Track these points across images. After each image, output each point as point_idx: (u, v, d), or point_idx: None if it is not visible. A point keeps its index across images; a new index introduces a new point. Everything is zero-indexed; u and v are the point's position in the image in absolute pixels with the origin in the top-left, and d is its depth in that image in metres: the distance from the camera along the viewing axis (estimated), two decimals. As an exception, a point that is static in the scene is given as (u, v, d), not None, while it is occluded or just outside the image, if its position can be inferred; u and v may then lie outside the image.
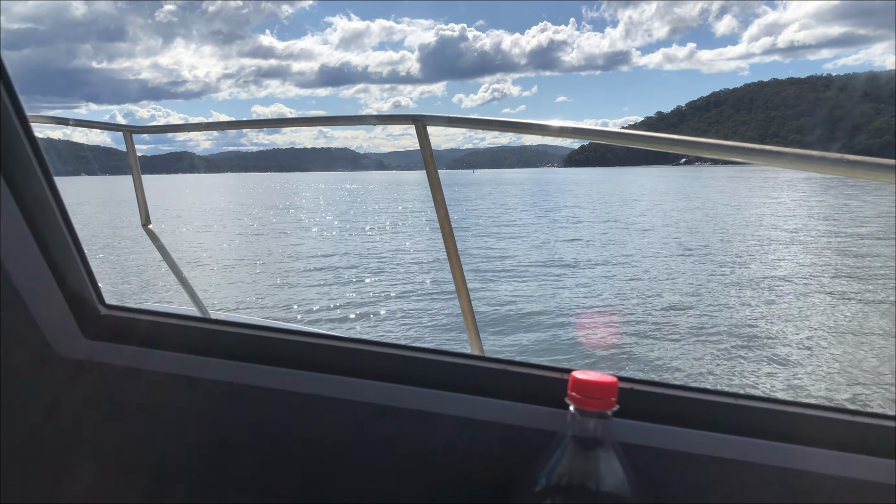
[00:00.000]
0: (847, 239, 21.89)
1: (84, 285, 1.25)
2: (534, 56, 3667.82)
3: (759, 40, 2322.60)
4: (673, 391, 1.17)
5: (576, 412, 1.01)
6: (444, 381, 1.11)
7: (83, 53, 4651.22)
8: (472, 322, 1.83)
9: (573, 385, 1.01)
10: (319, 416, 1.14)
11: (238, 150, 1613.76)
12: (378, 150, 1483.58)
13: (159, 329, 1.28)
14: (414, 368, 1.15)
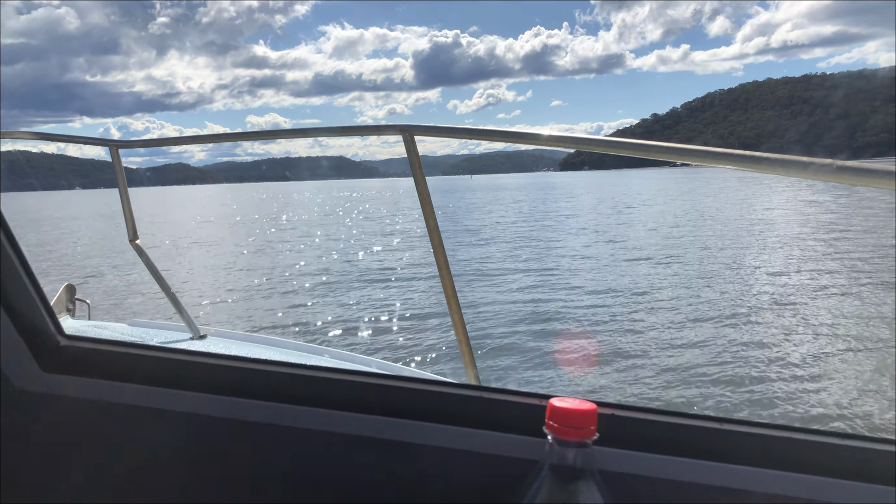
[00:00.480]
0: (842, 247, 20.88)
1: (39, 316, 1.21)
2: (528, 61, 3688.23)
3: (752, 40, 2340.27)
4: (655, 416, 1.14)
5: (554, 442, 0.97)
6: (420, 411, 1.10)
7: (76, 67, 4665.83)
8: (464, 334, 1.81)
9: (551, 413, 0.90)
10: (293, 448, 1.12)
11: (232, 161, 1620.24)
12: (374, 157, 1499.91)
13: (122, 360, 1.24)
14: (388, 398, 1.13)
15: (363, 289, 16.69)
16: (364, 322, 13.02)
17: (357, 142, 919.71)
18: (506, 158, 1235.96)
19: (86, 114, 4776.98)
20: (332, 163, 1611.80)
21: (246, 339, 3.06)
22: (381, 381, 1.15)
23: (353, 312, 14.00)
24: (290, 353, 2.84)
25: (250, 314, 14.45)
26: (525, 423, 1.16)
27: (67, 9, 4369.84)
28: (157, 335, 2.95)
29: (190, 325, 2.96)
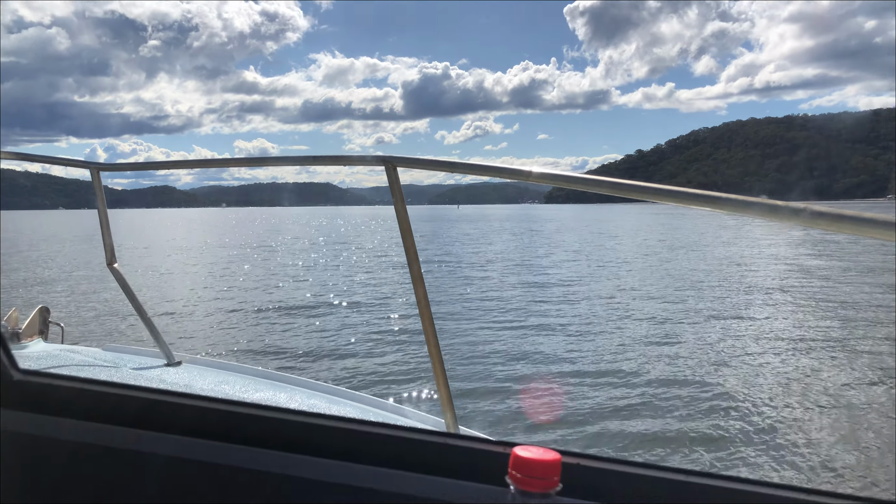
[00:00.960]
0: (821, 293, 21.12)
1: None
2: (515, 94, 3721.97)
3: (736, 80, 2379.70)
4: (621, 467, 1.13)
5: (516, 492, 0.99)
6: (386, 457, 1.07)
7: (65, 87, 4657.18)
8: (441, 369, 1.80)
9: (514, 463, 0.97)
10: (248, 491, 1.08)
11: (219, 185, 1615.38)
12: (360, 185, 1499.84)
13: (78, 396, 1.21)
14: (354, 443, 1.11)
15: (341, 318, 16.57)
16: (340, 352, 12.88)
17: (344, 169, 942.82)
18: (492, 189, 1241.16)
19: (73, 134, 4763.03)
20: (320, 189, 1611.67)
21: (221, 367, 3.04)
22: (347, 425, 1.12)
23: (329, 342, 13.85)
24: (262, 382, 2.80)
25: (227, 340, 14.26)
26: (489, 472, 1.15)
27: (58, 29, 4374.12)
28: (130, 360, 2.92)
29: (165, 351, 2.93)
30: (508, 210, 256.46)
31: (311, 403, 2.31)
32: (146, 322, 2.88)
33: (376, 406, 2.55)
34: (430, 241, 48.52)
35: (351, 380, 10.97)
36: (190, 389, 2.29)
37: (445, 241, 48.96)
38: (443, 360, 1.82)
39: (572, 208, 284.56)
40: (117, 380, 2.33)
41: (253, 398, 2.23)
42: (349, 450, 1.10)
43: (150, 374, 2.67)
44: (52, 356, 2.78)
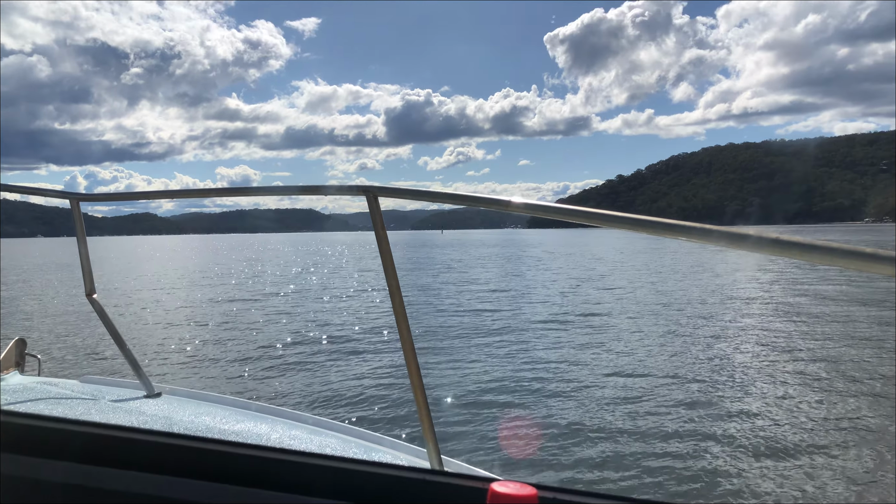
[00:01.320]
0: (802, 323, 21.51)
1: None
2: (497, 121, 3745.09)
3: (714, 107, 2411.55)
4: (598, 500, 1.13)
5: None
6: (363, 494, 1.07)
7: (46, 114, 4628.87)
8: (423, 398, 1.81)
9: (491, 499, 0.98)
10: None
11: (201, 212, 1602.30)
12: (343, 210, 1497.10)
13: (57, 436, 1.19)
14: (332, 480, 1.10)
15: (322, 348, 16.45)
16: (322, 382, 12.78)
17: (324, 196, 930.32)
18: (475, 214, 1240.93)
19: (53, 161, 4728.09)
20: (302, 215, 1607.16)
21: (201, 399, 3.01)
22: (330, 462, 1.12)
23: (311, 372, 13.74)
24: (243, 413, 2.76)
25: (208, 370, 14.13)
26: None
27: (39, 57, 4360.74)
28: (109, 393, 2.87)
29: (144, 382, 2.91)
30: (492, 235, 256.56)
31: (293, 434, 2.31)
32: (125, 353, 2.85)
33: (359, 437, 2.55)
34: (414, 269, 48.43)
35: (333, 410, 10.86)
36: (170, 422, 2.31)
37: (431, 269, 48.91)
38: (425, 390, 1.82)
39: (555, 233, 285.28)
40: (95, 413, 2.35)
41: (234, 430, 2.25)
42: (333, 487, 1.09)
43: (129, 406, 2.63)
44: (29, 389, 2.74)
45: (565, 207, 1.46)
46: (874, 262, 0.94)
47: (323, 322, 21.09)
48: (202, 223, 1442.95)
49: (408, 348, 1.80)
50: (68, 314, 23.63)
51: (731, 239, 1.10)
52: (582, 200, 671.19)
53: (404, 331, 1.80)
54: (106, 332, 2.85)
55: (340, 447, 2.23)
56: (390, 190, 1.82)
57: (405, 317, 1.81)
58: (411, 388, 1.83)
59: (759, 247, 1.05)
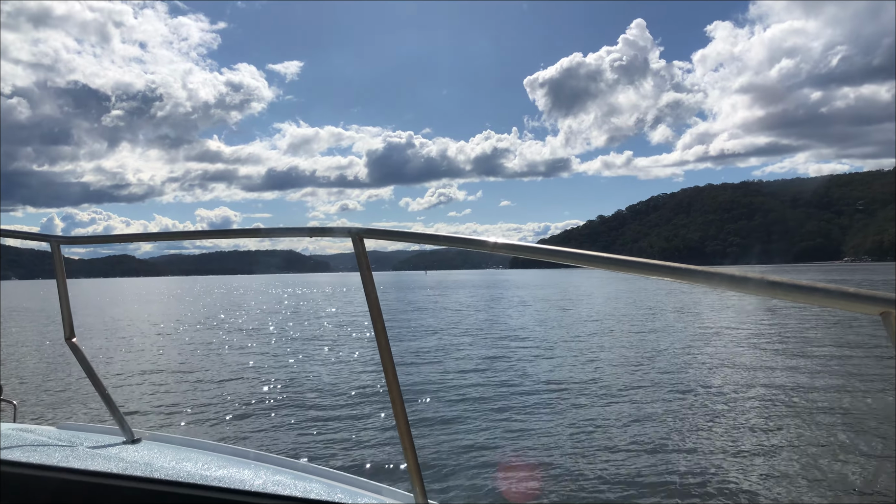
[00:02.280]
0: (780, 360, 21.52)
1: None
2: (478, 162, 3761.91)
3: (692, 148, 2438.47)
4: None
5: None
6: None
7: (24, 156, 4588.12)
8: (409, 441, 1.79)
9: None
10: None
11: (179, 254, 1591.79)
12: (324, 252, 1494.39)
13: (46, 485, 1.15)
14: None
15: (307, 390, 16.27)
16: (306, 425, 12.63)
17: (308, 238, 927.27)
18: (456, 255, 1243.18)
19: (29, 203, 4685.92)
20: (283, 256, 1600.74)
21: (182, 444, 2.95)
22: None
23: (294, 414, 13.59)
24: (225, 458, 2.69)
25: (188, 414, 13.92)
26: None
27: (19, 99, 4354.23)
28: (87, 439, 2.81)
29: (123, 427, 2.85)
30: (475, 276, 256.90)
31: (277, 480, 2.29)
32: (104, 397, 2.82)
33: (344, 482, 2.54)
34: (401, 311, 48.25)
35: (318, 454, 10.71)
36: (150, 468, 2.23)
37: (418, 310, 48.75)
38: (411, 432, 1.81)
39: (537, 273, 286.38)
40: (73, 460, 2.29)
41: (216, 475, 2.21)
42: None
43: (107, 452, 2.57)
44: (4, 436, 2.68)
45: (550, 248, 1.45)
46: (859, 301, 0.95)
47: (307, 364, 20.88)
48: (181, 265, 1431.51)
49: (393, 390, 1.79)
50: (45, 358, 23.24)
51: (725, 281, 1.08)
52: (563, 241, 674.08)
53: (390, 372, 1.80)
54: (84, 377, 2.83)
55: (325, 492, 2.23)
56: (376, 231, 1.82)
57: (391, 358, 1.81)
58: (397, 431, 1.80)
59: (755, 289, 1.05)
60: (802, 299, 1.00)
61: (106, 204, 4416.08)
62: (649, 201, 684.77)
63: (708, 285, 1.12)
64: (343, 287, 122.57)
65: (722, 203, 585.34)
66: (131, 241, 2.48)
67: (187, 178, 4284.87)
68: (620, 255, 1.29)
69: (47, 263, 2.33)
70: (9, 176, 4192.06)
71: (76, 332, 2.77)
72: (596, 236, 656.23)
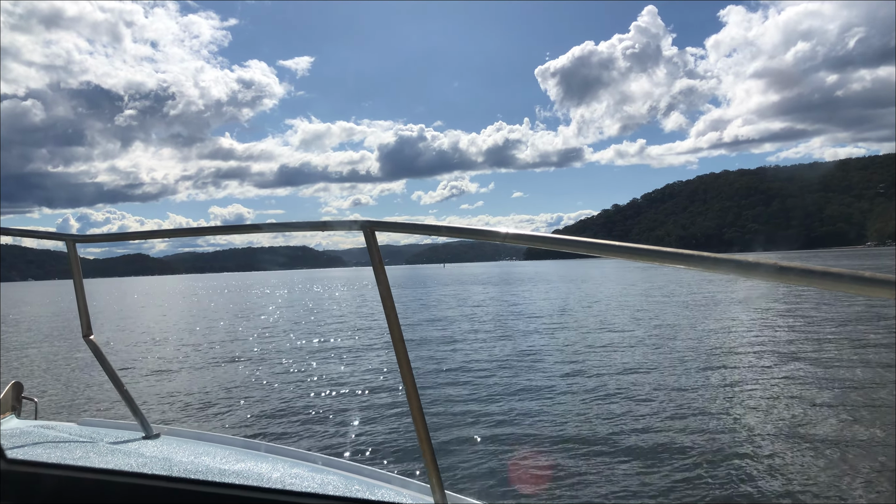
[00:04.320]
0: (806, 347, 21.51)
1: None
2: (490, 154, 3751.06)
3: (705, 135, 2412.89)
4: None
5: None
6: None
7: (39, 158, 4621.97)
8: (425, 433, 1.78)
9: None
10: None
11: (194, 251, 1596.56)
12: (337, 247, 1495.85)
13: (68, 484, 1.18)
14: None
15: (322, 384, 16.27)
16: (323, 419, 12.62)
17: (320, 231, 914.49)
18: (468, 248, 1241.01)
19: (45, 204, 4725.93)
20: (295, 252, 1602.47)
21: (200, 438, 2.98)
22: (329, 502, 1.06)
23: (311, 408, 13.57)
24: (243, 452, 2.73)
25: (206, 409, 13.95)
26: None
27: (34, 101, 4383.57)
28: (107, 435, 2.86)
29: (143, 423, 2.89)
30: (490, 268, 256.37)
31: (295, 473, 2.31)
32: (122, 394, 2.85)
33: (361, 474, 2.56)
34: (419, 308, 48.18)
35: (334, 447, 10.69)
36: (169, 463, 2.27)
37: (435, 305, 48.69)
38: (427, 425, 1.81)
39: (552, 264, 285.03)
40: (94, 456, 2.34)
41: (234, 470, 2.23)
42: None
43: (127, 448, 2.61)
44: (26, 433, 2.74)
45: (561, 238, 1.44)
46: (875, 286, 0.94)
47: (323, 358, 20.88)
48: (195, 263, 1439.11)
49: (409, 383, 1.80)
50: (65, 356, 23.38)
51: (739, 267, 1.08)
52: (578, 231, 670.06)
53: (404, 366, 1.80)
54: (103, 374, 2.81)
55: (343, 485, 2.24)
56: (388, 224, 1.82)
57: (405, 352, 1.80)
58: (413, 423, 1.81)
59: (766, 275, 1.04)
60: (816, 284, 0.99)
61: (120, 203, 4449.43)
62: (665, 189, 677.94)
63: (718, 272, 1.12)
64: (358, 282, 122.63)
65: (738, 189, 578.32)
66: (146, 238, 2.53)
67: (200, 176, 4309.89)
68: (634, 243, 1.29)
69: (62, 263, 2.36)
70: (25, 178, 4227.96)
71: (93, 329, 2.78)
72: (611, 225, 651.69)
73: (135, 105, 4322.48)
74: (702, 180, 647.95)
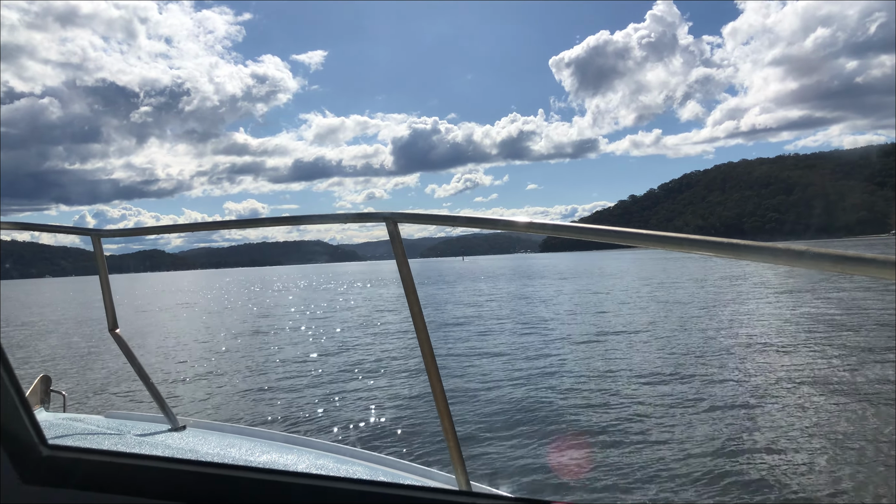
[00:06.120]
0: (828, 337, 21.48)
1: (21, 425, 1.12)
2: (504, 146, 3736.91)
3: (722, 124, 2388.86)
4: None
5: None
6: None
7: (56, 155, 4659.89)
8: (450, 424, 1.79)
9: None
10: None
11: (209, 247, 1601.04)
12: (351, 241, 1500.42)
13: (108, 470, 1.19)
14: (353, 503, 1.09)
15: (346, 376, 16.33)
16: (347, 410, 12.70)
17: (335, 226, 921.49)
18: (483, 240, 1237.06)
19: (62, 202, 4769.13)
20: (310, 247, 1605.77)
21: (226, 431, 3.02)
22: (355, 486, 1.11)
23: (335, 400, 13.64)
24: (268, 444, 2.76)
25: (231, 402, 14.07)
26: None
27: (51, 99, 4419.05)
28: (134, 427, 2.90)
29: (169, 415, 2.92)
30: (506, 261, 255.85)
31: (320, 464, 2.33)
32: (149, 387, 2.87)
33: (386, 464, 2.55)
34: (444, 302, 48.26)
35: (359, 438, 10.76)
36: (195, 455, 2.33)
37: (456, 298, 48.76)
38: (451, 415, 1.81)
39: (569, 256, 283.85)
40: (121, 447, 2.39)
41: (259, 461, 2.26)
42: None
43: (154, 440, 2.65)
44: (55, 426, 2.76)
45: (584, 227, 1.42)
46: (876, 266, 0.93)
47: (346, 351, 20.97)
48: (211, 258, 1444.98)
49: (432, 373, 1.80)
50: (91, 350, 23.67)
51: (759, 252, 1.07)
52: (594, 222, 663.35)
53: (428, 356, 1.80)
54: (129, 367, 2.87)
55: (367, 475, 2.21)
56: (410, 216, 1.82)
57: (429, 342, 1.80)
58: (437, 413, 1.82)
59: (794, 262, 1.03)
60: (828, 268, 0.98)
61: (136, 199, 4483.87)
62: (682, 179, 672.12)
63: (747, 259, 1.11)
64: (372, 276, 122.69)
65: (758, 178, 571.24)
66: (168, 232, 2.53)
67: (215, 172, 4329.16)
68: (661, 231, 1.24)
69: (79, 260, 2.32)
70: (42, 175, 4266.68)
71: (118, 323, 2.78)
72: (629, 216, 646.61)
73: (150, 101, 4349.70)
74: (720, 170, 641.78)
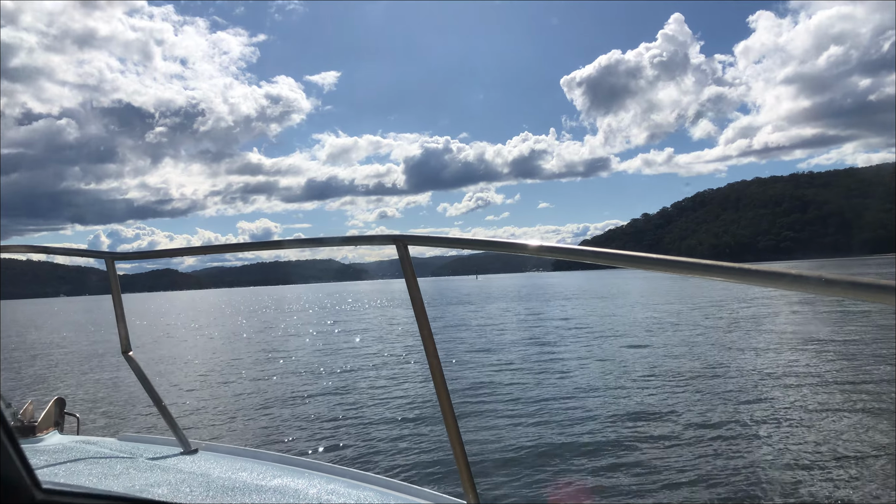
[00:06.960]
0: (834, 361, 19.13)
1: (12, 467, 1.09)
2: (515, 165, 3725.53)
3: (735, 142, 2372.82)
4: None
5: None
6: None
7: (71, 175, 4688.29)
8: (460, 446, 1.77)
9: None
10: None
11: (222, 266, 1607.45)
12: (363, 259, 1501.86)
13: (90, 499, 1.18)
14: None
15: (357, 398, 16.37)
16: (358, 433, 12.73)
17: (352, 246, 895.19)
18: (494, 259, 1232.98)
19: (77, 221, 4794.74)
20: (323, 266, 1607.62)
21: (238, 454, 3.02)
22: None
23: (346, 423, 13.69)
24: (280, 468, 2.77)
25: (243, 425, 14.14)
26: None
27: (68, 120, 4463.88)
28: (146, 450, 2.91)
29: (180, 438, 2.93)
30: (519, 280, 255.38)
31: (331, 488, 2.34)
32: (161, 409, 2.89)
33: (396, 489, 2.57)
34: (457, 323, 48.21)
35: (371, 462, 10.77)
36: (207, 479, 2.35)
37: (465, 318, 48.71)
38: (461, 437, 1.79)
39: (581, 275, 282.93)
40: (133, 471, 2.39)
41: (271, 486, 2.28)
42: None
43: (166, 464, 2.66)
44: (68, 449, 2.80)
45: (593, 250, 1.42)
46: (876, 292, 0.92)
47: (356, 372, 21.01)
48: (224, 277, 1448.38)
49: (442, 394, 1.79)
50: (103, 372, 23.78)
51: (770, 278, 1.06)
52: (606, 241, 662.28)
53: (438, 377, 1.79)
54: (142, 389, 2.88)
55: (378, 500, 2.23)
56: (418, 238, 1.82)
57: (438, 363, 1.80)
58: (447, 436, 1.81)
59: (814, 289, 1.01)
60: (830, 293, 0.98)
61: (150, 219, 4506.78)
62: (695, 197, 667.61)
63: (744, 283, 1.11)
64: (385, 295, 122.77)
65: (772, 197, 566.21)
66: (180, 255, 2.57)
67: (229, 192, 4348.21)
68: (667, 254, 1.25)
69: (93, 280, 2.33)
70: (58, 195, 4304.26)
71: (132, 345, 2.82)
72: (641, 235, 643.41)
73: (165, 122, 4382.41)
74: (733, 188, 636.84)
